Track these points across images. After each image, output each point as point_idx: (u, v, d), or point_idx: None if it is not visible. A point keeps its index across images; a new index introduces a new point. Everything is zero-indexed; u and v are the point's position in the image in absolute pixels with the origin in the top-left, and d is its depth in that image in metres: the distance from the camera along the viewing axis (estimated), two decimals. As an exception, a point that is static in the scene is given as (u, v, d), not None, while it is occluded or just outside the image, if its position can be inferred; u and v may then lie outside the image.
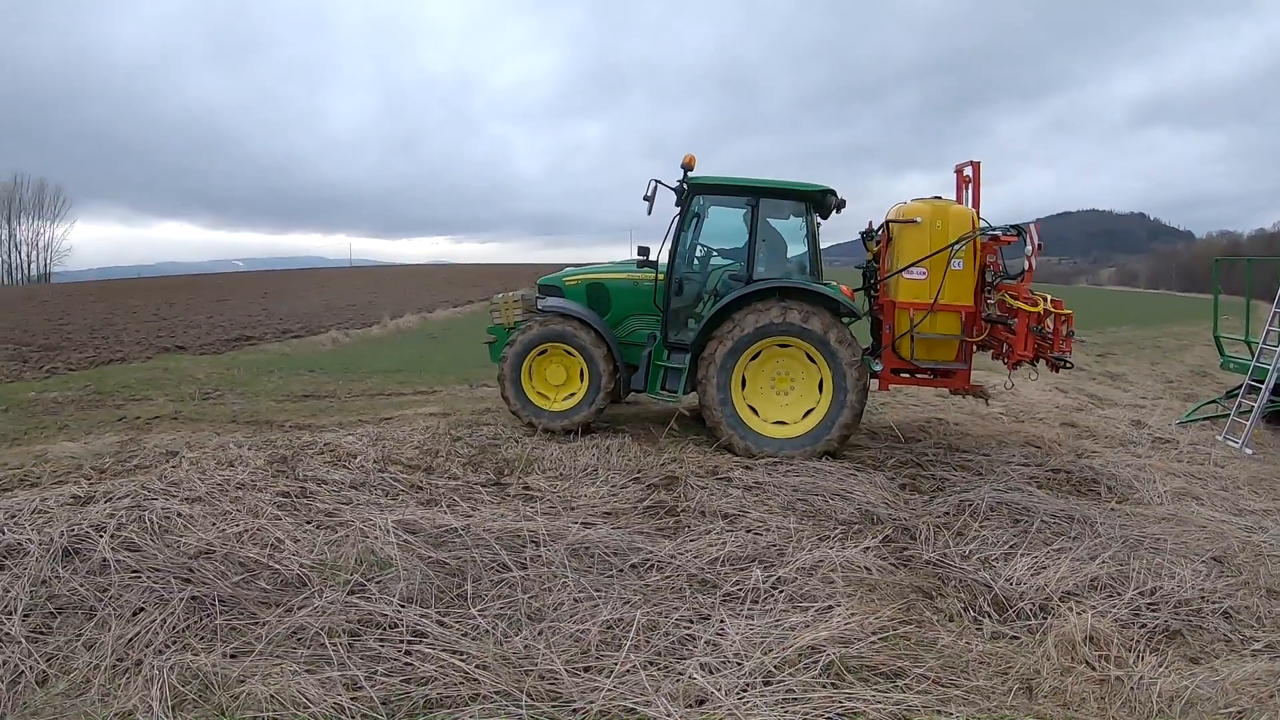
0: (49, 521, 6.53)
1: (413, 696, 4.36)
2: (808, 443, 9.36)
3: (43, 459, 8.90)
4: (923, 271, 9.66)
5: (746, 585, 5.52)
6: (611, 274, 10.93)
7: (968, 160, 10.58)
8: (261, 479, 7.82)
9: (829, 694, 4.13)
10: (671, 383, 10.01)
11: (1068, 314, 9.33)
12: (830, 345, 9.33)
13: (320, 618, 5.16)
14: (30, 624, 5.19)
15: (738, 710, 3.97)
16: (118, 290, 50.72)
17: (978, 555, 6.48)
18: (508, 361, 10.22)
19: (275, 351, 21.19)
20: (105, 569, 5.81)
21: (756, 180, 9.88)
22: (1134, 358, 21.31)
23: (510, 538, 6.37)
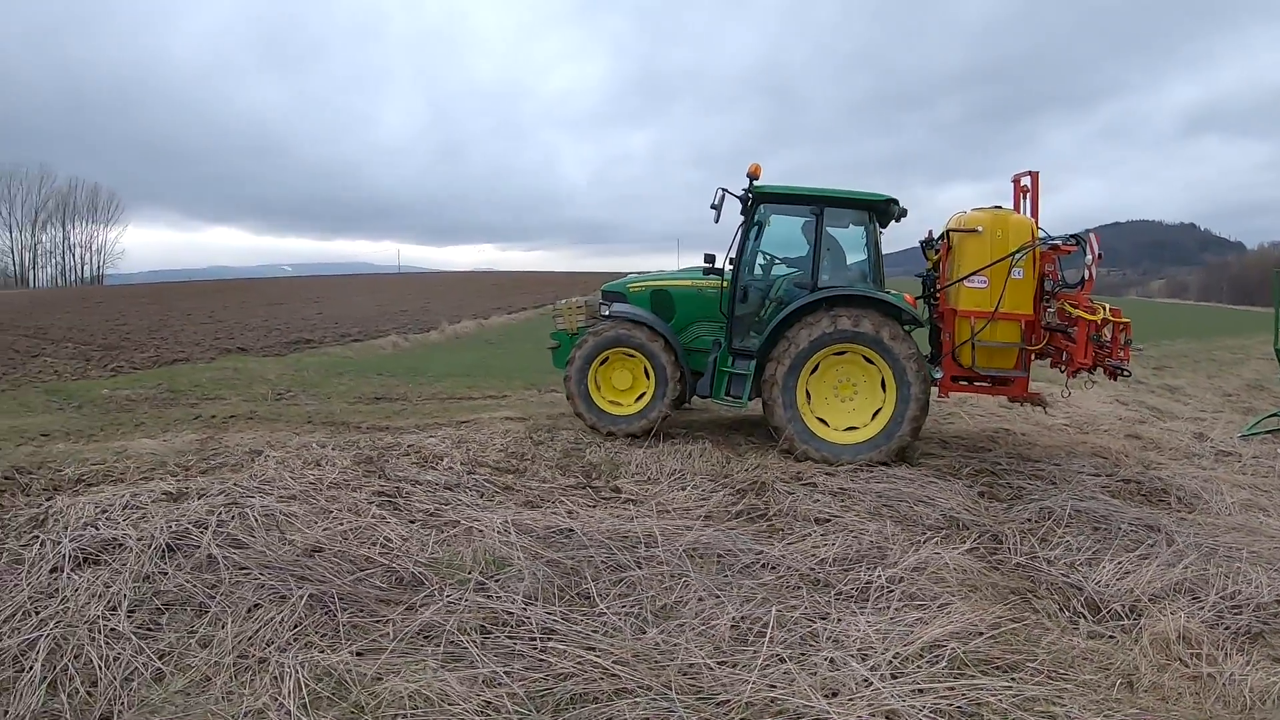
0: (144, 517, 6.64)
1: (555, 692, 4.47)
2: (882, 442, 9.57)
3: (124, 455, 8.98)
4: (983, 280, 9.85)
5: (858, 584, 5.81)
6: (675, 281, 11.17)
7: (1025, 170, 10.74)
8: (354, 478, 7.99)
9: (954, 685, 4.41)
10: (736, 389, 10.21)
11: (1126, 322, 9.54)
12: (884, 343, 9.52)
13: (448, 615, 5.28)
14: (137, 620, 5.20)
15: (874, 701, 4.22)
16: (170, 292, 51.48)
17: (1064, 560, 6.70)
18: (574, 364, 10.45)
19: (338, 354, 21.54)
20: (212, 565, 5.88)
21: (821, 189, 10.10)
22: (1191, 370, 21.33)
23: (620, 538, 6.56)
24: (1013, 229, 9.94)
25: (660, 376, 10.34)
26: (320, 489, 7.53)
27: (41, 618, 5.10)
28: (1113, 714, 4.38)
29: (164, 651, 4.90)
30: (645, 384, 10.53)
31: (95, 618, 5.13)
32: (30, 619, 5.12)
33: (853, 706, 4.16)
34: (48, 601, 5.34)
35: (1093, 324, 9.45)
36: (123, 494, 7.15)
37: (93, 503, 6.92)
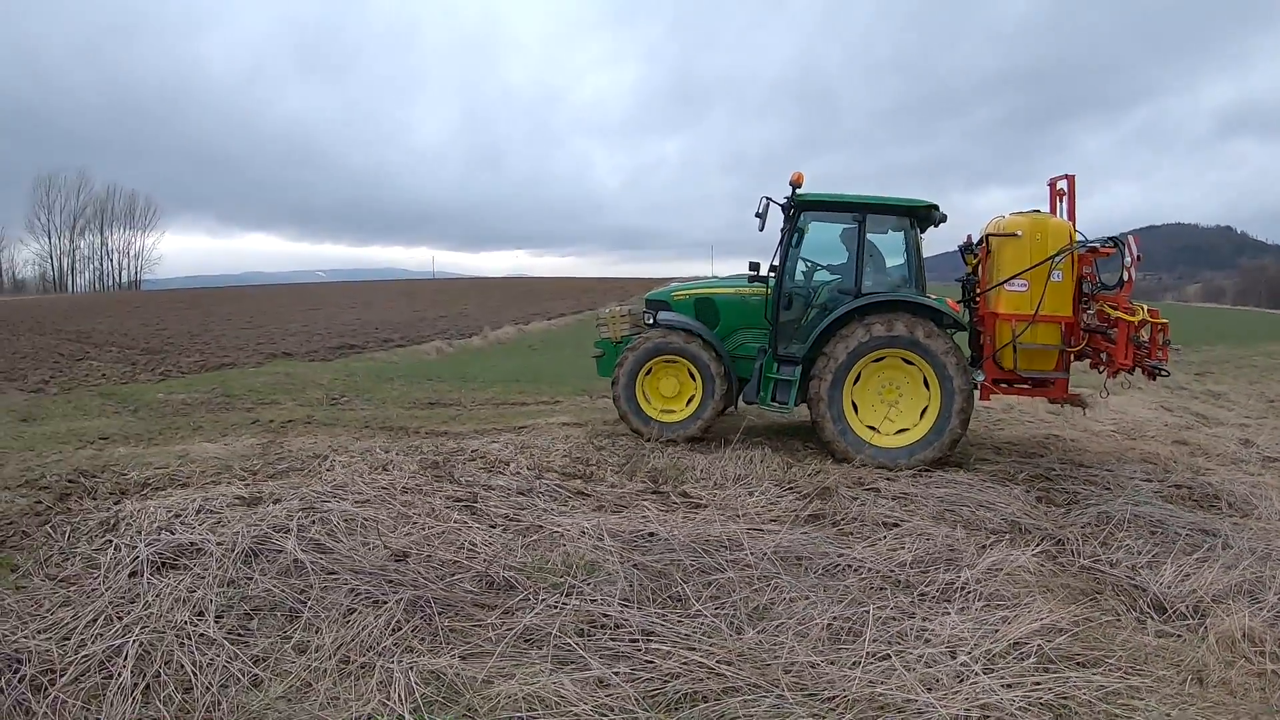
0: (220, 522, 6.68)
1: (665, 692, 4.59)
2: (934, 439, 9.78)
3: (186, 459, 9.07)
4: (1024, 284, 10.03)
5: (938, 585, 6.05)
6: (719, 289, 11.38)
7: (1062, 174, 10.91)
8: (425, 483, 8.13)
9: (1040, 680, 4.66)
10: (782, 395, 10.38)
11: (1164, 323, 9.72)
12: (920, 342, 9.72)
13: (548, 619, 5.36)
14: (226, 625, 5.20)
15: (970, 695, 4.47)
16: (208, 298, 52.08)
17: (1126, 563, 6.90)
18: (624, 369, 10.67)
19: (384, 360, 21.79)
20: (299, 570, 5.90)
21: (862, 196, 10.30)
22: (1232, 377, 21.35)
23: (704, 542, 6.70)
24: (1051, 232, 10.11)
25: (707, 382, 10.56)
26: (394, 494, 7.66)
27: (126, 623, 5.10)
28: (1187, 707, 4.65)
29: (258, 657, 4.91)
30: (692, 390, 10.75)
31: (182, 623, 5.15)
32: (114, 624, 5.10)
33: (952, 700, 4.40)
34: (129, 606, 5.34)
35: (1132, 325, 9.63)
36: (194, 498, 7.25)
37: (164, 507, 6.99)
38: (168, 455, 9.25)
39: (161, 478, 8.26)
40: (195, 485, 7.98)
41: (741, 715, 4.32)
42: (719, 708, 4.42)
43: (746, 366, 10.85)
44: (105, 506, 7.26)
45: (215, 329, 30.68)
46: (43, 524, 6.89)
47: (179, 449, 9.71)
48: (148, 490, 7.87)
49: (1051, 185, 11.05)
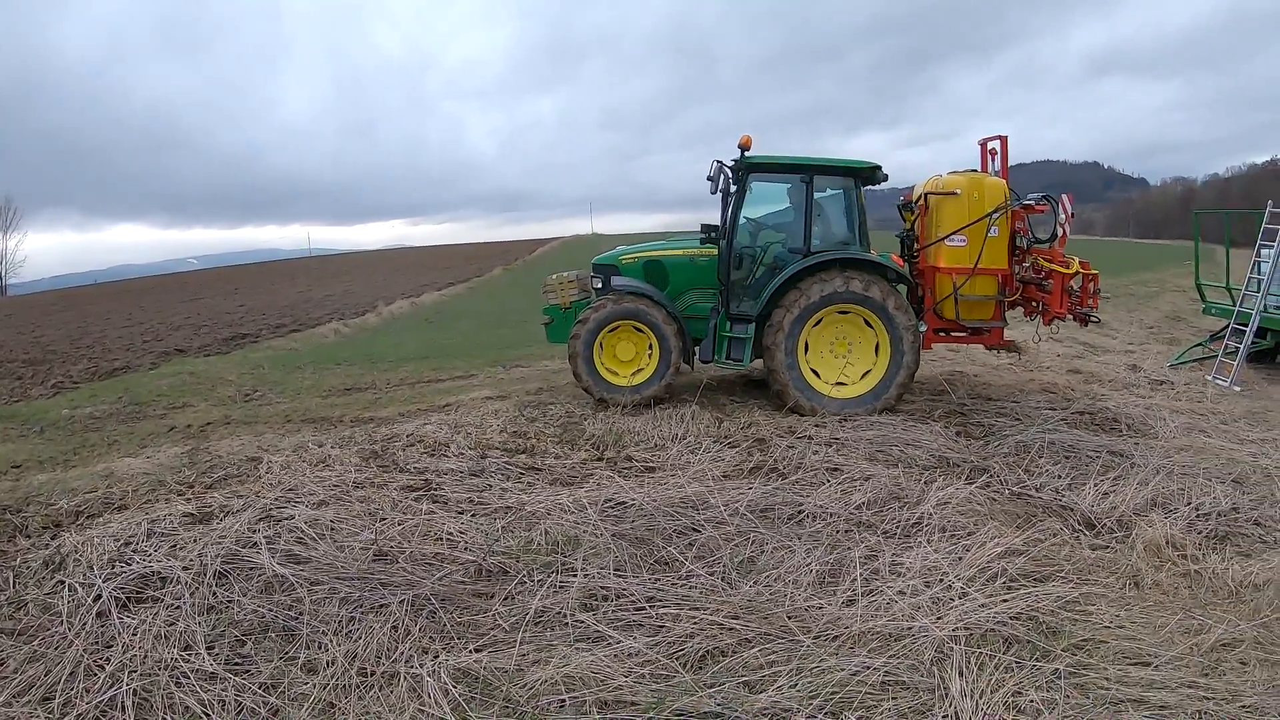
0: (177, 545, 6.33)
1: (686, 652, 4.77)
2: (868, 401, 10.27)
3: (113, 478, 8.65)
4: (963, 239, 10.66)
5: (898, 523, 6.52)
6: (667, 251, 11.58)
7: (994, 135, 11.54)
8: (374, 476, 7.99)
9: (1007, 598, 5.20)
10: (736, 352, 10.73)
11: (1094, 274, 10.57)
12: (889, 311, 10.21)
13: (551, 599, 5.44)
14: (220, 656, 4.94)
15: (957, 617, 4.95)
16: (80, 298, 49.28)
17: (1050, 487, 7.54)
18: (580, 340, 10.71)
19: (282, 347, 21.20)
20: (283, 585, 5.68)
21: (809, 158, 10.69)
22: (1112, 306, 22.47)
23: (673, 504, 6.88)
24: (988, 191, 10.75)
25: (664, 345, 10.77)
26: (348, 490, 7.50)
27: (111, 671, 4.77)
28: (1131, 607, 5.34)
29: (268, 684, 4.71)
30: (648, 354, 10.95)
31: (172, 660, 4.87)
32: (97, 675, 4.76)
33: (943, 623, 4.86)
34: (107, 652, 5.01)
35: (1066, 276, 10.45)
36: (139, 522, 6.86)
37: (109, 535, 6.58)
38: (92, 477, 8.86)
39: (94, 503, 7.80)
40: (134, 507, 7.60)
41: (764, 663, 4.60)
42: (741, 659, 4.67)
43: (698, 326, 11.12)
44: (43, 543, 6.78)
45: (95, 331, 29.25)
46: None
47: (101, 468, 9.29)
48: (84, 519, 7.40)
49: (983, 145, 11.68)
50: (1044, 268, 10.72)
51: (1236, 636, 5.01)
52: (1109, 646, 4.80)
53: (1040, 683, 4.42)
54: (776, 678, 4.44)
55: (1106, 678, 4.47)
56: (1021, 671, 4.50)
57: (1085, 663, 4.62)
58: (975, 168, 11.43)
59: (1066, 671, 4.50)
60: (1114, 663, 4.64)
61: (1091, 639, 4.88)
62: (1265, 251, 13.20)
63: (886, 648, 4.69)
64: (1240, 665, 4.73)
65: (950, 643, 4.68)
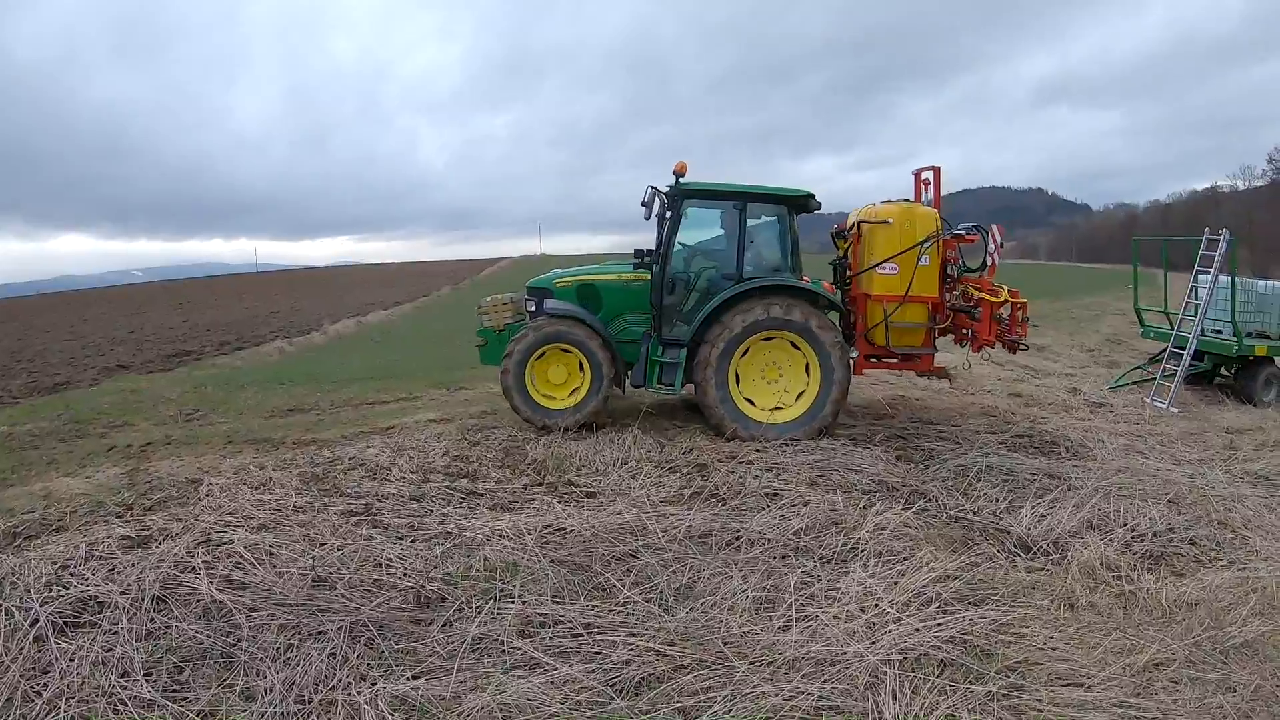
0: (115, 569, 6.22)
1: (623, 678, 4.79)
2: (805, 422, 10.31)
3: (51, 499, 8.48)
4: (894, 267, 10.76)
5: (834, 548, 6.56)
6: (601, 275, 11.55)
7: (928, 166, 11.74)
8: (314, 500, 7.87)
9: (942, 621, 5.25)
10: (668, 377, 10.72)
11: (1023, 303, 10.73)
12: (813, 331, 10.28)
13: (489, 626, 5.41)
14: (159, 682, 4.90)
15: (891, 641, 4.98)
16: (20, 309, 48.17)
17: (988, 510, 7.63)
18: (512, 361, 10.66)
19: (226, 365, 20.87)
20: (221, 611, 5.62)
21: (743, 186, 10.77)
22: (1054, 329, 23.01)
23: (612, 530, 6.91)
24: (919, 220, 10.88)
25: (595, 369, 10.74)
26: (288, 514, 7.42)
27: (47, 698, 4.72)
28: (1066, 628, 5.43)
29: (206, 712, 4.67)
30: (580, 377, 10.91)
31: (109, 687, 4.82)
32: (34, 701, 4.72)
33: (877, 648, 4.89)
34: (44, 678, 4.94)
35: (995, 305, 10.58)
36: (77, 544, 6.74)
37: (46, 558, 6.46)
38: (29, 497, 8.69)
39: (31, 524, 7.58)
40: (72, 528, 7.44)
41: (699, 689, 4.61)
42: (677, 686, 4.69)
43: (630, 350, 11.12)
44: None
45: (36, 343, 28.71)
46: None
47: (39, 488, 9.11)
48: (20, 540, 7.22)
49: (917, 176, 11.86)
50: (974, 296, 10.86)
51: (1169, 656, 5.10)
52: (1042, 668, 4.86)
53: (974, 705, 4.45)
54: (712, 703, 4.45)
55: (1039, 699, 4.52)
56: (955, 694, 4.54)
57: (1018, 685, 4.67)
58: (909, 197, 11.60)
59: (1000, 694, 4.55)
60: (1047, 684, 4.70)
61: (1025, 660, 4.95)
62: (1202, 277, 13.54)
63: (820, 673, 4.70)
64: (1172, 684, 4.82)
65: (884, 667, 4.71)
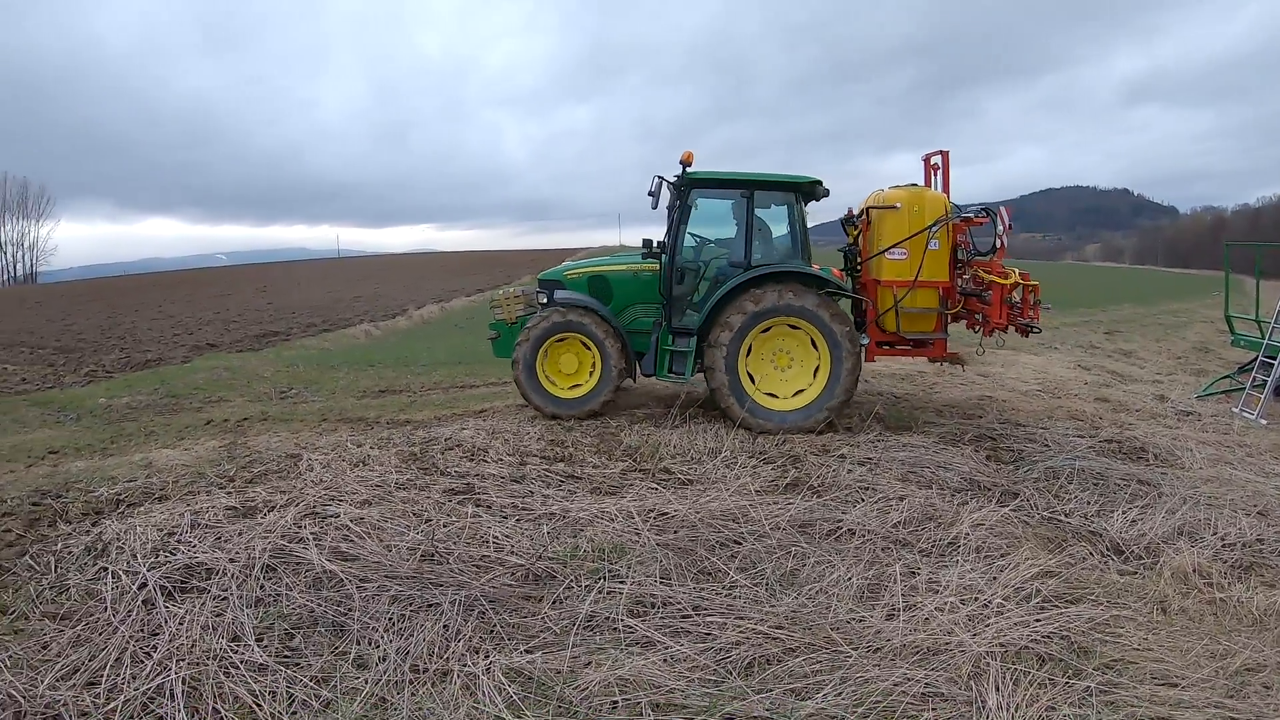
0: (221, 538, 6.40)
1: (734, 659, 4.93)
2: (816, 409, 10.52)
3: (152, 469, 8.73)
4: (903, 252, 10.90)
5: (934, 542, 6.73)
6: (611, 266, 11.80)
7: (936, 150, 11.82)
8: (415, 478, 8.06)
9: (1041, 617, 5.40)
10: (678, 365, 10.96)
11: (1034, 285, 10.75)
12: (822, 318, 10.41)
13: (601, 604, 5.56)
14: (270, 648, 5.01)
15: (993, 634, 5.16)
16: (109, 289, 49.44)
17: (1079, 513, 7.71)
18: (522, 352, 10.98)
19: (315, 347, 21.54)
20: (332, 581, 5.76)
21: (750, 174, 10.93)
22: (1141, 335, 22.80)
23: (715, 517, 7.07)
24: (928, 204, 10.99)
25: (605, 359, 10.98)
26: (391, 491, 7.58)
27: (158, 659, 4.84)
28: (1158, 631, 5.52)
29: (319, 677, 4.76)
30: (591, 367, 11.18)
31: (220, 650, 4.93)
32: (144, 662, 4.84)
33: (980, 639, 5.07)
34: (153, 640, 5.08)
35: (1005, 287, 10.62)
36: (181, 513, 6.96)
37: (152, 525, 6.68)
38: (130, 466, 8.97)
39: (134, 492, 7.87)
40: (174, 498, 7.65)
41: (809, 672, 4.79)
42: (787, 667, 4.85)
43: (641, 340, 11.33)
44: (84, 529, 6.86)
45: (126, 322, 29.72)
46: (20, 555, 6.44)
47: (140, 458, 9.41)
48: (124, 508, 7.47)
49: (926, 161, 11.95)
50: (984, 279, 10.92)
51: (1260, 662, 5.19)
52: (1138, 667, 4.98)
53: (1073, 699, 4.59)
54: (822, 686, 4.62)
55: (1136, 696, 4.64)
56: (1055, 688, 4.68)
57: (1115, 682, 4.80)
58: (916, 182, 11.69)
59: (1098, 690, 4.67)
60: (1143, 682, 4.81)
61: (1121, 659, 5.06)
62: (1296, 284, 13.34)
63: (926, 661, 4.88)
64: (1264, 689, 4.90)
65: (987, 658, 4.87)
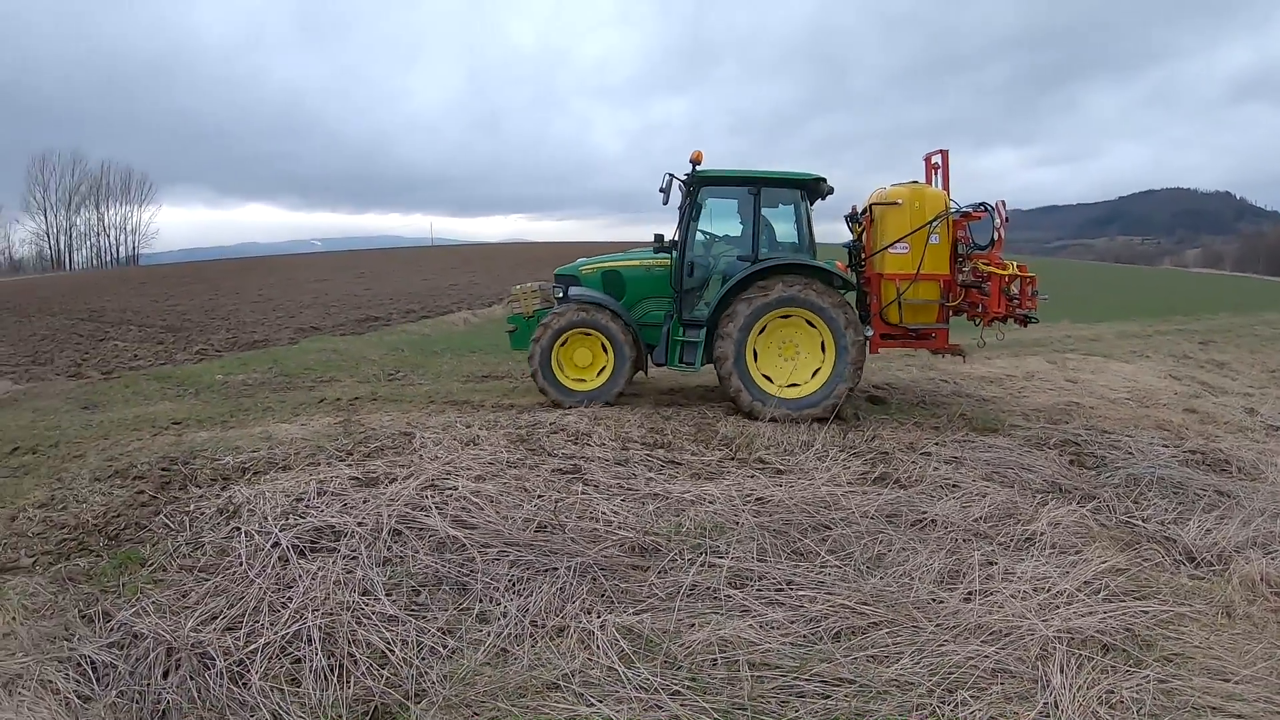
0: (348, 504, 6.92)
1: (822, 629, 5.37)
2: (820, 398, 10.99)
3: (272, 441, 9.23)
4: (905, 246, 11.38)
5: (1013, 536, 7.11)
6: (624, 262, 12.35)
7: (936, 149, 12.25)
8: (525, 457, 8.57)
9: (1109, 611, 5.77)
10: (689, 355, 11.53)
11: (1032, 277, 11.26)
12: (827, 308, 10.89)
13: (703, 575, 6.02)
14: (399, 602, 5.50)
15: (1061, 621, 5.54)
16: (211, 271, 51.17)
17: (1156, 519, 7.99)
18: (540, 344, 11.46)
19: (416, 332, 22.19)
20: (455, 545, 6.25)
21: (757, 171, 11.43)
22: (1235, 346, 22.52)
23: (809, 504, 7.47)
24: (929, 201, 11.49)
25: (618, 352, 11.51)
26: (503, 468, 8.07)
27: (294, 609, 5.34)
28: (1221, 634, 5.79)
29: (445, 629, 5.28)
30: (604, 360, 11.67)
31: (354, 603, 5.42)
32: (281, 611, 5.35)
33: (1049, 624, 5.47)
34: (288, 592, 5.59)
35: (1003, 278, 11.11)
36: (307, 481, 7.52)
37: (280, 491, 7.23)
38: (252, 438, 9.50)
39: (258, 462, 8.48)
40: (297, 468, 8.22)
41: (890, 643, 5.24)
42: (870, 639, 5.27)
43: (653, 334, 11.86)
44: (214, 493, 7.49)
45: (228, 304, 30.97)
46: (154, 514, 7.08)
47: (259, 431, 10.00)
48: (250, 475, 8.13)
49: (927, 160, 12.38)
50: (983, 271, 11.31)
51: (1318, 667, 5.48)
52: (1196, 663, 5.30)
53: (1132, 685, 4.94)
54: (901, 656, 5.08)
55: (1191, 687, 4.98)
56: (1116, 674, 5.05)
57: (1174, 674, 5.13)
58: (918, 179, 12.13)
59: (1156, 679, 5.01)
60: (1199, 675, 5.14)
61: (1181, 654, 5.40)
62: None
63: (997, 640, 5.28)
64: (1318, 690, 5.21)
65: (1054, 642, 5.26)
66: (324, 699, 4.64)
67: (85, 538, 6.78)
